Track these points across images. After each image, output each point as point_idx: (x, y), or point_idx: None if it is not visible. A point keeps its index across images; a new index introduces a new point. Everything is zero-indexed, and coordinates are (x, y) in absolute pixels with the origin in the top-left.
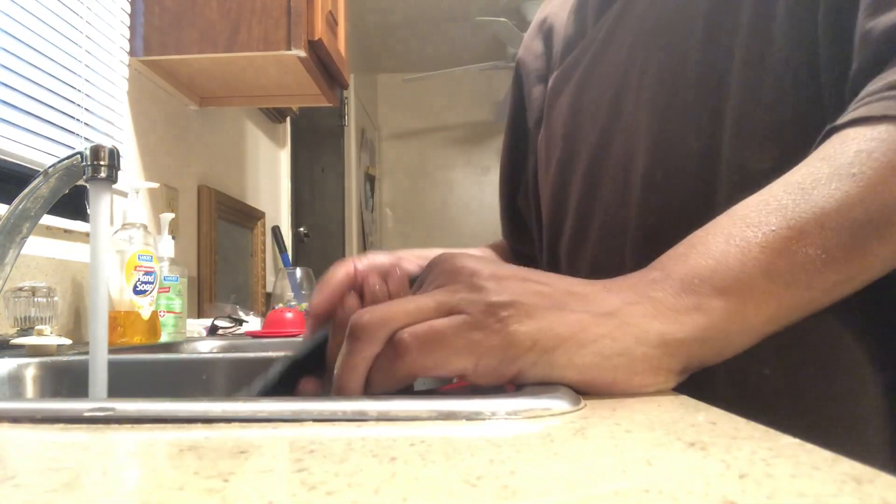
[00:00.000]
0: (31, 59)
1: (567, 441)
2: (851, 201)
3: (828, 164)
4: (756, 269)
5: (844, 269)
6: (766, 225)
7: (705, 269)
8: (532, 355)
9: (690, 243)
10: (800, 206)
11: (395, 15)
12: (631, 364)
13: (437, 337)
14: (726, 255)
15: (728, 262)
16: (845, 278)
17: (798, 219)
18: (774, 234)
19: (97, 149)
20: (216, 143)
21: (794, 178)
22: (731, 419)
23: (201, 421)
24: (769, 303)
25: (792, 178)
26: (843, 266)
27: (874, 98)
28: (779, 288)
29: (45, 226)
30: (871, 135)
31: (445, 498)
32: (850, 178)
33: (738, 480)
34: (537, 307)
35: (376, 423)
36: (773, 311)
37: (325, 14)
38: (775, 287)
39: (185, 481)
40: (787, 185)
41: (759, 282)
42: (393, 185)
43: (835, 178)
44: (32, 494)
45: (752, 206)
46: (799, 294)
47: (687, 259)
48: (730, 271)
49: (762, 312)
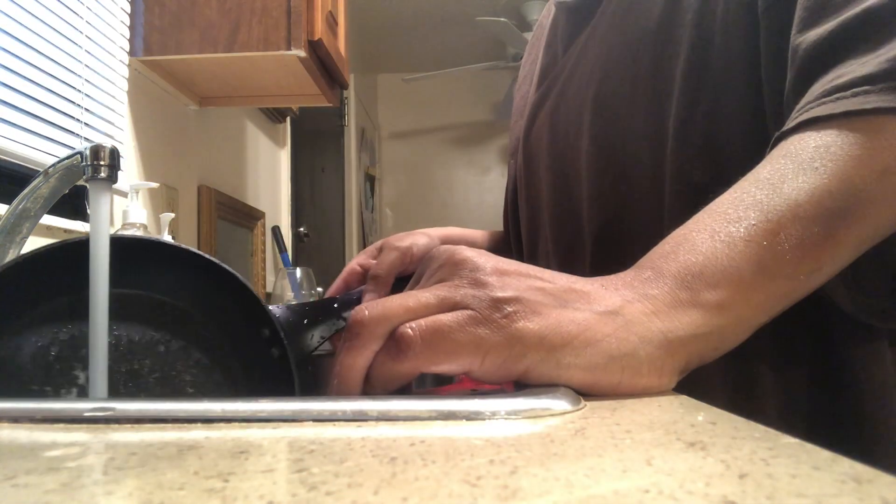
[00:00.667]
0: (31, 59)
1: (567, 441)
2: (820, 193)
3: (791, 161)
4: (743, 262)
5: (820, 258)
6: (746, 220)
7: (696, 265)
8: (539, 353)
9: (675, 241)
10: (773, 201)
11: (395, 15)
12: (637, 365)
13: (442, 332)
14: (714, 250)
15: (717, 257)
16: (820, 266)
17: (774, 212)
18: (755, 227)
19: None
20: (216, 143)
21: (762, 175)
22: (731, 419)
23: (201, 421)
24: (758, 294)
25: (759, 175)
26: (818, 254)
27: (814, 104)
28: (766, 279)
29: (45, 226)
30: (824, 133)
31: (445, 498)
32: (813, 172)
33: (738, 480)
34: (541, 304)
35: (376, 423)
36: (763, 302)
37: (325, 14)
38: (763, 279)
39: (185, 481)
40: (757, 182)
41: (748, 275)
42: (393, 185)
43: (800, 172)
44: (32, 494)
45: (727, 202)
46: (783, 284)
47: (676, 256)
48: (719, 266)
49: (753, 304)
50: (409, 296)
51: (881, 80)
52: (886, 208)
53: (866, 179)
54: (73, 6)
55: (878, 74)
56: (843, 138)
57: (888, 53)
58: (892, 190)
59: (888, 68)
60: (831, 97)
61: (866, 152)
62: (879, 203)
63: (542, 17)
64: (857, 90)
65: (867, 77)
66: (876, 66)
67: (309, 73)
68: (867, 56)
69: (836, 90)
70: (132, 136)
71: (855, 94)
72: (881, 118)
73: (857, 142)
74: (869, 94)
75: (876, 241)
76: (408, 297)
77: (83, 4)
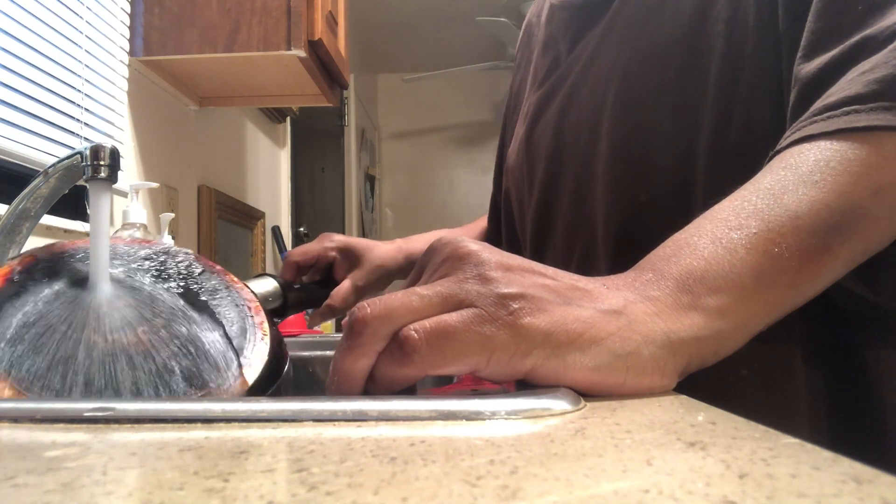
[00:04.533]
0: (31, 59)
1: (567, 441)
2: (819, 206)
3: (791, 173)
4: (744, 269)
5: (816, 269)
6: (748, 227)
7: (697, 269)
8: (545, 350)
9: (676, 245)
10: (774, 210)
11: (395, 15)
12: (641, 364)
13: (448, 333)
14: (715, 255)
15: (718, 262)
16: (816, 277)
17: (775, 222)
18: (756, 236)
19: (97, 149)
20: (216, 143)
21: (763, 185)
22: (731, 419)
23: (201, 421)
24: (757, 301)
25: (760, 184)
26: (814, 266)
27: (806, 122)
28: (765, 287)
29: (45, 226)
30: (823, 147)
31: (445, 498)
32: (813, 185)
33: (738, 480)
34: (547, 301)
35: (376, 423)
36: (761, 310)
37: (325, 14)
38: (762, 286)
39: (185, 481)
40: (758, 191)
41: (748, 282)
42: (393, 185)
43: (800, 184)
44: (32, 494)
45: (728, 209)
46: (781, 293)
47: (678, 260)
48: (720, 272)
49: (752, 311)
50: (412, 293)
51: (870, 99)
52: (881, 224)
53: (863, 196)
54: (73, 6)
55: (867, 95)
56: (842, 154)
57: (875, 74)
58: (888, 207)
59: (876, 89)
60: (822, 115)
61: (864, 169)
62: (875, 219)
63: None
64: (847, 109)
65: (856, 97)
66: (863, 85)
67: (309, 73)
68: (855, 76)
69: (826, 109)
70: (132, 136)
71: (845, 112)
72: (878, 134)
73: (856, 158)
74: (859, 113)
75: (869, 254)
76: (411, 294)
77: (83, 4)
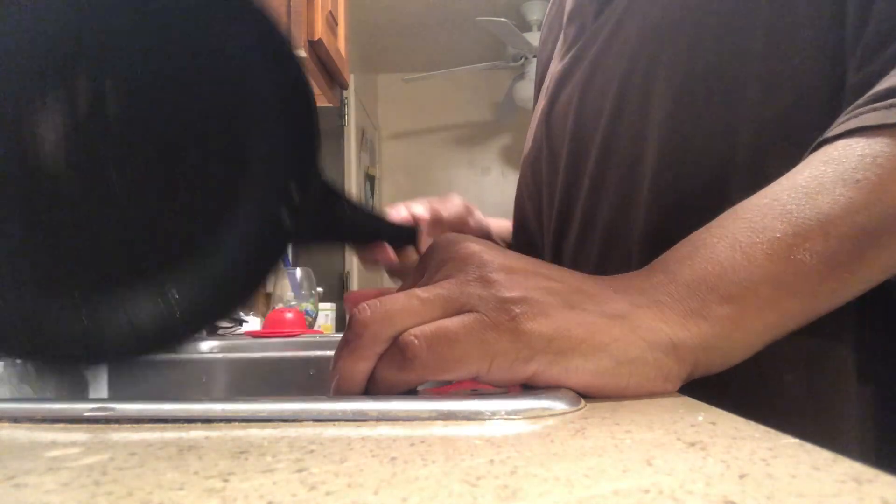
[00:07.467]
0: None
1: (567, 441)
2: (856, 208)
3: (832, 168)
4: (761, 278)
5: (846, 277)
6: (771, 231)
7: (712, 275)
8: (546, 356)
9: (693, 245)
10: (804, 212)
11: (395, 15)
12: (645, 370)
13: (449, 339)
14: (732, 261)
15: (735, 269)
16: (845, 286)
17: (802, 225)
18: (779, 241)
19: None
20: None
21: (798, 181)
22: (731, 419)
23: (201, 421)
24: (773, 311)
25: (795, 180)
26: (844, 274)
27: (866, 109)
28: (783, 296)
29: None
30: (873, 141)
31: (445, 498)
32: (854, 184)
33: (738, 480)
34: (550, 305)
35: (376, 423)
36: (776, 320)
37: (325, 14)
38: (780, 295)
39: (185, 481)
40: (791, 189)
41: (764, 291)
42: (393, 185)
43: (839, 182)
44: (32, 494)
45: (754, 208)
46: (801, 302)
47: (692, 263)
48: (736, 279)
49: (765, 321)
50: (413, 295)
51: None
52: None
53: None
54: None
55: None
56: (893, 149)
57: None
58: None
59: None
60: (884, 102)
61: None
62: None
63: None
64: None
65: None
66: None
67: (309, 73)
68: None
69: (890, 94)
70: None
71: None
72: None
73: None
74: None
75: None
76: (411, 296)
77: None
